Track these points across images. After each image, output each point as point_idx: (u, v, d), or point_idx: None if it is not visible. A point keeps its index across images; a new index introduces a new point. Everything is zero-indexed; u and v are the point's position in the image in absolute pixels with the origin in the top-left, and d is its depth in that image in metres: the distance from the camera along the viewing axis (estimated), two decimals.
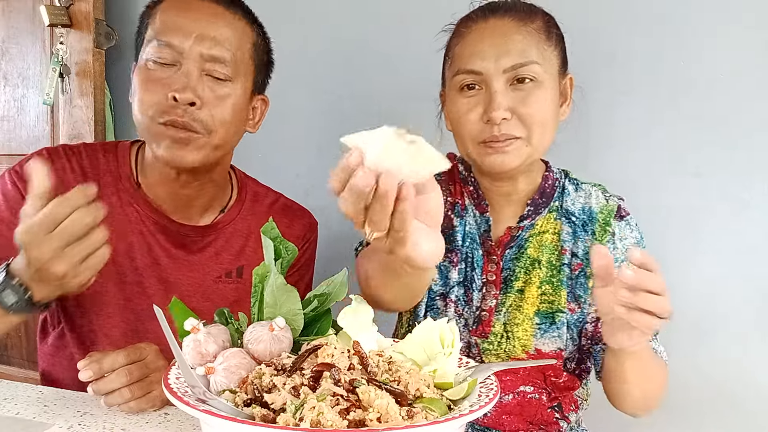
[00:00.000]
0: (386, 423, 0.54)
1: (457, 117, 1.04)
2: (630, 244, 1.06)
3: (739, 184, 1.36)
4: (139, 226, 1.10)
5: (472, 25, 1.05)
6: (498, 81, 0.99)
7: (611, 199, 1.10)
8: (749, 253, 1.35)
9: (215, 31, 1.01)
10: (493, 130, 0.99)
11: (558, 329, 1.06)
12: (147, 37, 1.03)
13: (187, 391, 0.60)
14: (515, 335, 1.06)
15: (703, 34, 1.36)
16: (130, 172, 1.11)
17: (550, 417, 1.10)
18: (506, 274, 1.09)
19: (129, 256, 1.09)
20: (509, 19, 1.02)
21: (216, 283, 1.15)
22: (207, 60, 1.01)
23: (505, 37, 1.00)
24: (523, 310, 1.07)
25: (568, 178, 1.14)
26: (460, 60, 1.03)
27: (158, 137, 1.01)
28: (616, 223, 1.07)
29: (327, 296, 0.74)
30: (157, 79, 1.00)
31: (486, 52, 1.00)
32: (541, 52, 1.01)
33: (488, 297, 1.09)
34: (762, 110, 1.33)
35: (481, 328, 1.08)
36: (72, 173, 1.07)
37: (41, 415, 0.88)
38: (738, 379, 1.37)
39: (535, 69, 0.99)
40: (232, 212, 1.19)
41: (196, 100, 0.99)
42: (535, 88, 1.00)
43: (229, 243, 1.17)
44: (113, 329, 1.08)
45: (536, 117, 0.99)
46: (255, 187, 1.26)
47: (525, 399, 1.08)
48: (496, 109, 0.98)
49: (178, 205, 1.12)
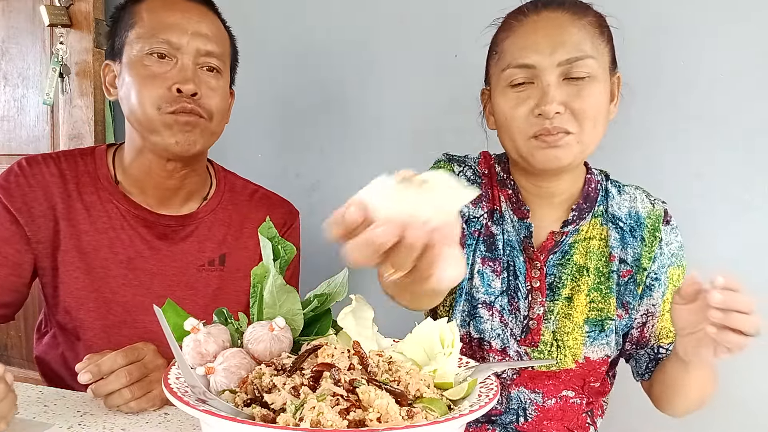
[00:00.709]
0: (386, 423, 0.54)
1: (507, 111, 0.99)
2: (675, 249, 1.05)
3: (739, 185, 1.35)
4: (120, 221, 1.14)
5: (523, 18, 1.00)
6: (551, 74, 0.95)
7: (656, 203, 1.08)
8: (749, 254, 1.35)
9: (206, 29, 1.11)
10: (545, 124, 0.95)
11: (607, 336, 1.04)
12: (136, 35, 1.08)
13: (187, 391, 0.60)
14: (566, 344, 1.03)
15: (703, 34, 1.36)
16: (108, 172, 1.16)
17: (584, 421, 1.09)
18: (551, 280, 1.06)
19: (112, 250, 1.13)
20: (562, 12, 0.98)
21: (199, 272, 1.19)
22: (202, 54, 1.09)
23: (560, 29, 0.96)
24: (572, 318, 1.04)
25: (609, 181, 1.11)
26: (511, 54, 0.99)
27: (167, 126, 1.07)
28: (663, 228, 1.05)
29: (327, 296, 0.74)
30: (156, 73, 1.06)
31: (540, 45, 0.96)
32: (596, 46, 0.97)
33: (535, 305, 1.05)
34: (762, 110, 1.33)
35: (530, 337, 1.04)
36: (51, 177, 1.13)
37: (41, 415, 0.88)
38: (738, 379, 1.37)
39: (590, 63, 0.95)
40: (213, 202, 1.24)
41: (197, 90, 1.07)
42: (589, 82, 0.96)
43: (211, 232, 1.21)
44: (95, 322, 1.12)
45: (589, 112, 0.96)
46: (233, 178, 1.31)
47: (567, 404, 1.06)
48: (549, 103, 0.93)
49: (162, 196, 1.17)
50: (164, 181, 1.15)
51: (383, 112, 1.68)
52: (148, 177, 1.15)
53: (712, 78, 1.36)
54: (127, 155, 1.16)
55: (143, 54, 1.06)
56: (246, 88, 1.26)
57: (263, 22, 1.78)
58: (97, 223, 1.13)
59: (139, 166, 1.14)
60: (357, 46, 1.69)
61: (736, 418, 1.38)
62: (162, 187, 1.16)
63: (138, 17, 1.09)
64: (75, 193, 1.13)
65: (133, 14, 1.10)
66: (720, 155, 1.37)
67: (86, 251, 1.11)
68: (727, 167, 1.36)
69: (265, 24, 1.78)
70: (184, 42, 1.07)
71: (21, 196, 1.09)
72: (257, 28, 1.76)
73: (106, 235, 1.13)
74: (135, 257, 1.14)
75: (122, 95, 1.10)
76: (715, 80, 1.36)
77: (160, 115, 1.06)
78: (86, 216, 1.12)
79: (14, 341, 2.14)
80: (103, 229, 1.13)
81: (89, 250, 1.12)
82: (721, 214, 1.37)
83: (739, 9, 1.33)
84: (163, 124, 1.06)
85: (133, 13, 1.10)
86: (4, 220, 1.08)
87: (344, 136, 1.73)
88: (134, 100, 1.07)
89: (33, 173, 1.11)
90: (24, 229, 1.09)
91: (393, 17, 1.64)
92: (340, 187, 1.74)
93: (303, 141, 1.78)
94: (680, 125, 1.39)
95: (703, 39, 1.36)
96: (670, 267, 1.05)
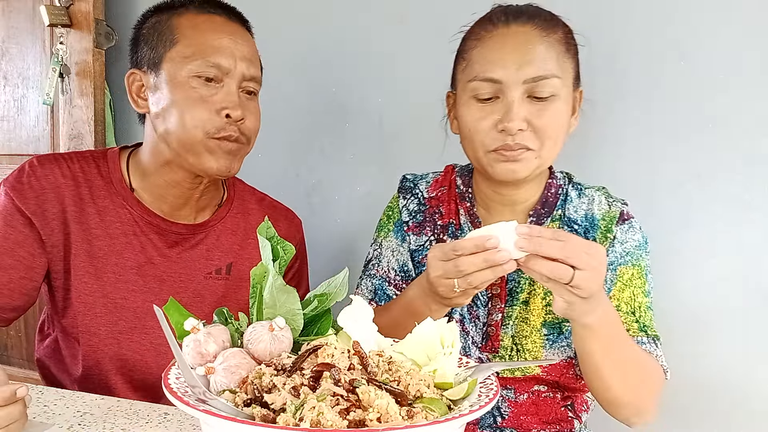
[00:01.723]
0: (386, 423, 0.54)
1: (470, 123, 1.01)
2: (630, 247, 1.05)
3: (739, 185, 1.35)
4: (132, 227, 1.13)
5: (492, 29, 1.02)
6: (516, 90, 0.97)
7: (614, 204, 1.08)
8: (750, 254, 1.35)
9: (250, 52, 1.12)
10: (507, 140, 0.97)
11: (566, 338, 1.05)
12: (181, 54, 1.06)
13: (187, 391, 0.60)
14: (525, 347, 1.05)
15: (703, 34, 1.36)
16: (122, 177, 1.15)
17: (564, 415, 1.09)
18: (511, 285, 1.08)
19: (123, 256, 1.13)
20: (532, 27, 1.00)
21: (206, 280, 1.19)
22: (246, 79, 1.11)
23: (528, 45, 0.98)
24: (530, 322, 1.06)
25: (571, 184, 1.12)
26: (479, 65, 1.00)
27: (210, 151, 1.08)
28: (617, 228, 1.05)
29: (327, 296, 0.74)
30: (203, 96, 1.06)
31: (507, 60, 0.98)
32: (561, 64, 0.99)
33: (494, 311, 1.07)
34: (762, 110, 1.33)
35: (490, 344, 1.07)
36: (64, 179, 1.11)
37: (41, 415, 0.88)
38: (738, 379, 1.37)
39: (555, 83, 0.97)
40: (223, 210, 1.24)
41: (245, 116, 1.09)
42: (553, 101, 0.98)
43: (220, 241, 1.21)
44: (102, 327, 1.11)
45: (550, 131, 0.98)
46: (242, 185, 1.32)
47: (540, 398, 1.08)
48: (513, 119, 0.96)
49: (179, 206, 1.16)
50: (186, 192, 1.15)
51: (383, 113, 1.68)
52: (171, 188, 1.14)
53: (712, 78, 1.36)
54: (149, 164, 1.14)
55: (191, 76, 1.06)
56: None
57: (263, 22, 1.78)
58: (110, 228, 1.12)
59: (162, 176, 1.14)
60: (357, 46, 1.69)
61: (736, 418, 1.38)
62: (183, 197, 1.16)
63: (180, 34, 1.07)
64: (88, 196, 1.12)
65: (173, 29, 1.08)
66: (720, 155, 1.37)
67: (97, 256, 1.11)
68: (727, 167, 1.36)
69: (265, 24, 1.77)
70: (233, 66, 1.07)
71: (35, 198, 1.08)
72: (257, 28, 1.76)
73: (118, 240, 1.12)
74: (145, 263, 1.14)
75: (159, 112, 1.08)
76: (715, 80, 1.36)
77: (205, 139, 1.06)
78: (99, 220, 1.11)
79: (14, 341, 2.14)
80: (115, 234, 1.12)
81: (100, 254, 1.11)
82: (721, 214, 1.37)
83: (739, 9, 1.33)
84: (207, 149, 1.07)
85: (174, 28, 1.08)
86: (17, 222, 1.07)
87: (344, 136, 1.73)
88: (177, 120, 1.06)
89: (45, 174, 1.10)
90: (39, 232, 1.08)
91: (393, 17, 1.64)
92: (340, 188, 1.74)
93: (303, 141, 1.78)
94: (680, 125, 1.39)
95: (702, 39, 1.36)
96: (621, 266, 1.04)
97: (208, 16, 1.10)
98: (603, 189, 1.12)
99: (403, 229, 1.17)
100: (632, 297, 1.03)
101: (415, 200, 1.18)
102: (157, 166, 1.13)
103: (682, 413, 1.41)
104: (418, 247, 1.16)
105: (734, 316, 1.37)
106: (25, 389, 0.78)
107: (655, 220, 1.42)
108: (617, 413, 0.99)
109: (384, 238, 1.18)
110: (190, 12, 1.10)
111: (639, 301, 1.03)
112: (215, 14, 1.11)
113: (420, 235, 1.16)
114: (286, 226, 1.29)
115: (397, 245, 1.16)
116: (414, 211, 1.17)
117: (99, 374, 1.13)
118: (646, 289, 1.04)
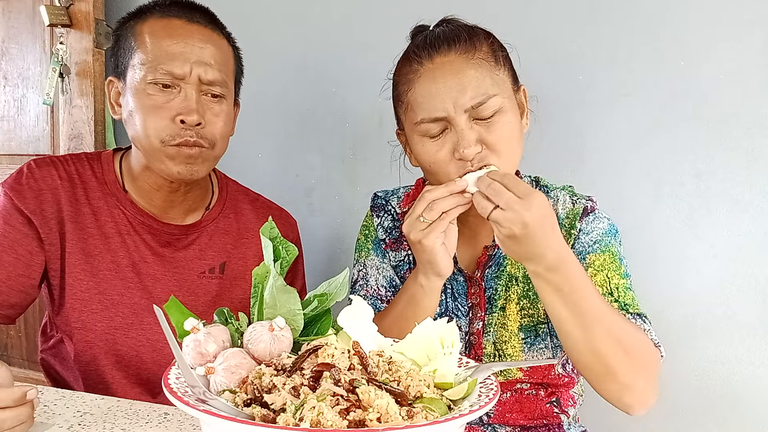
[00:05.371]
0: (386, 423, 0.54)
1: (429, 158, 1.02)
2: (596, 236, 1.05)
3: (739, 185, 1.35)
4: (126, 227, 1.16)
5: (418, 68, 1.02)
6: (461, 119, 0.98)
7: (578, 202, 1.08)
8: (749, 254, 1.35)
9: (209, 56, 1.10)
10: (467, 166, 0.98)
11: (543, 340, 1.07)
12: (139, 60, 1.08)
13: (187, 391, 0.60)
14: (505, 353, 1.07)
15: (703, 34, 1.36)
16: (116, 178, 1.18)
17: (550, 411, 1.10)
18: (490, 293, 1.10)
19: (117, 254, 1.15)
20: (456, 54, 1.00)
21: (200, 279, 1.21)
22: (204, 83, 1.09)
23: (458, 74, 0.98)
24: (507, 327, 1.08)
25: (539, 186, 1.13)
26: (420, 108, 1.01)
27: (172, 158, 1.09)
28: (580, 222, 1.06)
29: (327, 296, 0.74)
30: (160, 104, 1.07)
31: (443, 96, 0.98)
32: (494, 79, 0.99)
33: (475, 320, 1.09)
34: (762, 110, 1.33)
35: (473, 352, 1.09)
36: (60, 180, 1.14)
37: (41, 415, 0.88)
38: (738, 379, 1.37)
39: (495, 101, 0.98)
40: (215, 211, 1.25)
41: (201, 120, 1.08)
42: (498, 116, 0.99)
43: (212, 240, 1.23)
44: (98, 324, 1.13)
45: (504, 143, 0.99)
46: (235, 186, 1.33)
47: (523, 395, 1.09)
48: (466, 147, 0.96)
49: (166, 207, 1.19)
50: (169, 195, 1.17)
51: (383, 113, 1.68)
52: (155, 191, 1.17)
53: (712, 78, 1.36)
54: (134, 168, 1.17)
55: (146, 83, 1.06)
56: (246, 88, 1.26)
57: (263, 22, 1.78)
58: (104, 228, 1.15)
59: (146, 179, 1.16)
60: (357, 46, 1.69)
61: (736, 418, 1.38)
62: (167, 199, 1.18)
63: (140, 40, 1.08)
64: (83, 197, 1.14)
65: (135, 35, 1.09)
66: (720, 155, 1.37)
67: (92, 254, 1.13)
68: (727, 167, 1.36)
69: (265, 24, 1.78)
70: (187, 72, 1.07)
71: (33, 198, 1.11)
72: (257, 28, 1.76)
73: (113, 239, 1.15)
74: (139, 262, 1.16)
75: (126, 118, 1.11)
76: (714, 80, 1.36)
77: (163, 147, 1.07)
78: (93, 220, 1.14)
79: (14, 341, 2.14)
80: (110, 233, 1.15)
81: (96, 253, 1.13)
82: (721, 214, 1.37)
83: (739, 9, 1.33)
84: (167, 155, 1.08)
85: (135, 35, 1.09)
86: (17, 221, 1.10)
87: (344, 136, 1.73)
88: (139, 128, 1.08)
89: (43, 176, 1.13)
90: (38, 231, 1.10)
91: (393, 17, 1.64)
92: (340, 188, 1.74)
93: (303, 141, 1.78)
94: (680, 125, 1.39)
95: (702, 39, 1.36)
96: (590, 254, 1.04)
97: (168, 20, 1.10)
98: (569, 188, 1.13)
99: (381, 247, 1.18)
100: (606, 279, 1.02)
101: (389, 217, 1.20)
102: (140, 170, 1.16)
103: (682, 413, 1.41)
104: (398, 262, 1.18)
105: (734, 316, 1.37)
106: (35, 391, 0.79)
107: (655, 220, 1.42)
108: (607, 392, 0.96)
109: (366, 258, 1.19)
110: (152, 18, 1.10)
111: (615, 283, 1.02)
112: (176, 18, 1.10)
113: (398, 251, 1.18)
114: (281, 226, 1.29)
115: (380, 263, 1.17)
116: (389, 227, 1.19)
117: (96, 370, 1.15)
118: (623, 272, 1.04)
